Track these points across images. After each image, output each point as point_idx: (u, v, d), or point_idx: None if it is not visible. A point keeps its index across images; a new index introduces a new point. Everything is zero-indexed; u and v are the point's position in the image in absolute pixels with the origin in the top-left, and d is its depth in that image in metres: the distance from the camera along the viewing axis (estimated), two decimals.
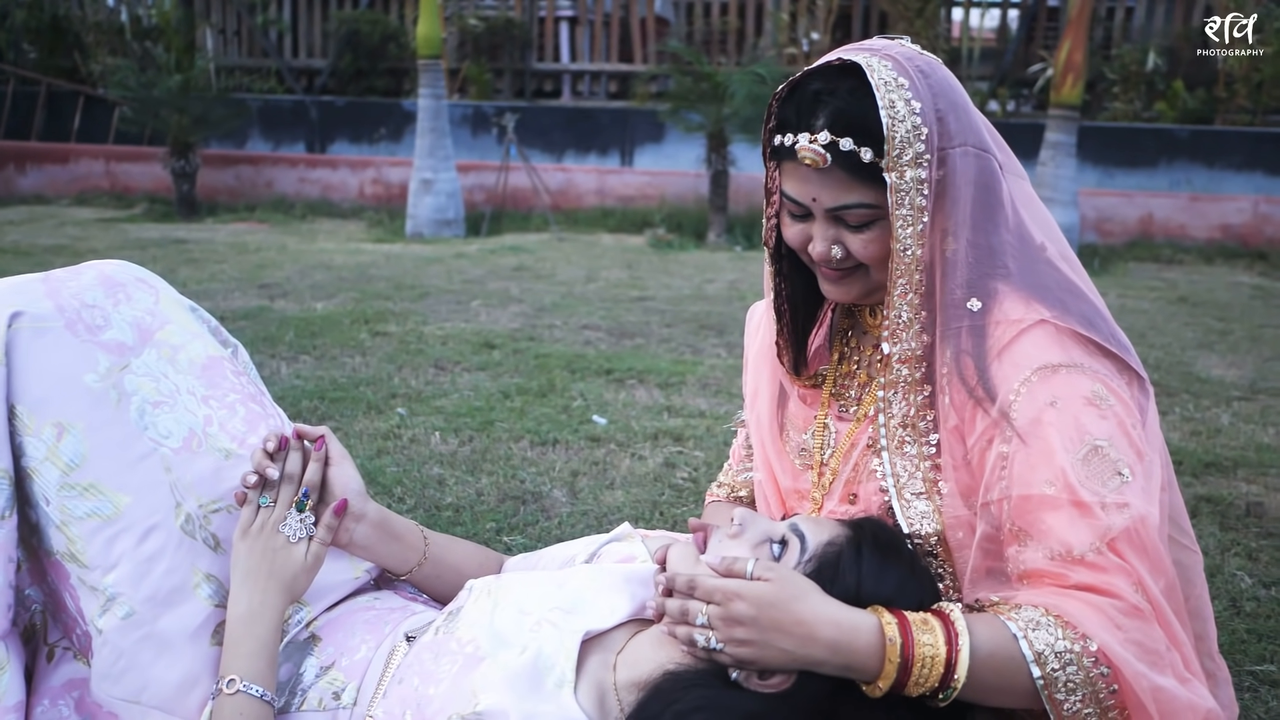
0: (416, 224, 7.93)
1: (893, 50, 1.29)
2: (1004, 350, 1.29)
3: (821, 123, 1.27)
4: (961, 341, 1.31)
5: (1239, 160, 8.93)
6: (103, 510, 1.42)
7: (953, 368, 1.32)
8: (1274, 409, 3.97)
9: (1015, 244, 1.34)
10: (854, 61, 1.27)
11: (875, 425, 1.44)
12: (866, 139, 1.26)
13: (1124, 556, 1.19)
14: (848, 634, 1.16)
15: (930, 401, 1.36)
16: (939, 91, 1.28)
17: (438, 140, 7.88)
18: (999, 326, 1.30)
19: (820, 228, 1.34)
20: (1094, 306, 1.36)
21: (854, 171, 1.28)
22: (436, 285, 5.81)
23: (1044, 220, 1.40)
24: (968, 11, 11.28)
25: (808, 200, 1.33)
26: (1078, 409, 1.25)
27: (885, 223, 1.31)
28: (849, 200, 1.30)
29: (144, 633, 1.44)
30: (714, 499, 1.80)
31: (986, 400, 1.29)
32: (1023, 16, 10.89)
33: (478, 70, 10.79)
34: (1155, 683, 1.14)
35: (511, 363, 4.18)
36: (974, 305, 1.31)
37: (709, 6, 11.25)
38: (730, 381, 4.04)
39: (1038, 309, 1.30)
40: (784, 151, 1.32)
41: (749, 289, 6.10)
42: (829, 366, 1.54)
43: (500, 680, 1.33)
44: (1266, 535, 2.80)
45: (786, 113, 1.31)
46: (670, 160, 9.84)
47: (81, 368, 1.42)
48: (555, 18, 11.49)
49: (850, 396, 1.51)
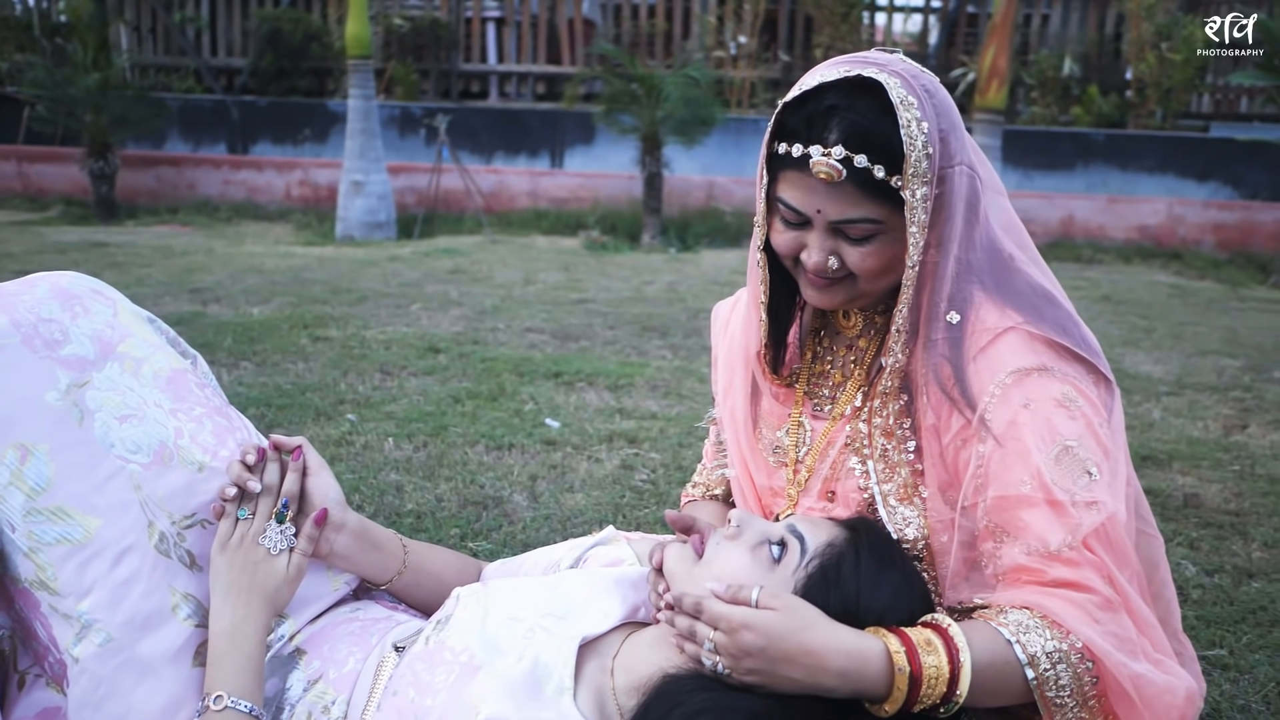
0: (347, 226, 7.81)
1: (897, 67, 1.31)
2: (979, 355, 1.34)
3: (835, 137, 1.28)
4: (939, 347, 1.35)
5: (1151, 163, 9.24)
6: (73, 535, 1.37)
7: (930, 372, 1.36)
8: (1200, 403, 4.12)
9: (990, 257, 1.38)
10: (870, 78, 1.28)
11: (853, 425, 1.47)
12: (879, 156, 1.28)
13: (1095, 551, 1.25)
14: (857, 663, 1.18)
15: (907, 409, 1.39)
16: (942, 112, 1.31)
17: (368, 141, 7.78)
18: (975, 333, 1.35)
19: (818, 238, 1.35)
20: (1066, 312, 1.41)
21: (864, 187, 1.29)
22: (374, 289, 5.73)
23: (1016, 231, 1.45)
24: (890, 17, 11.49)
25: (811, 211, 1.34)
26: (1049, 410, 1.30)
27: (884, 237, 1.34)
28: (854, 215, 1.32)
29: (123, 658, 1.39)
30: (689, 499, 1.80)
31: (962, 402, 1.34)
32: (943, 22, 11.12)
33: (404, 71, 10.67)
34: (1134, 670, 1.20)
35: (458, 367, 4.14)
36: (953, 318, 1.35)
37: (636, 9, 11.28)
38: (679, 383, 4.07)
39: (1012, 316, 1.35)
40: (789, 160, 1.32)
41: (687, 291, 6.14)
42: (802, 365, 1.56)
43: (499, 690, 1.32)
44: (1205, 525, 2.90)
45: (796, 122, 1.31)
46: (601, 162, 9.85)
47: (42, 386, 1.37)
48: (482, 18, 11.42)
49: (824, 395, 1.54)
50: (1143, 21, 9.95)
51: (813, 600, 1.28)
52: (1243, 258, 8.22)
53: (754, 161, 9.42)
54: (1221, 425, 3.86)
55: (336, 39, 10.72)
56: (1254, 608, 2.44)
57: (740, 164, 9.70)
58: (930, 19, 11.29)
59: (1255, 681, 2.12)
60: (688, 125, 7.48)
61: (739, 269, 7.08)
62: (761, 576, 1.32)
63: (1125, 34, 10.68)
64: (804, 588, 1.29)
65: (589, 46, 10.84)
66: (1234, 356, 5.01)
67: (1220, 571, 2.61)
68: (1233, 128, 10.03)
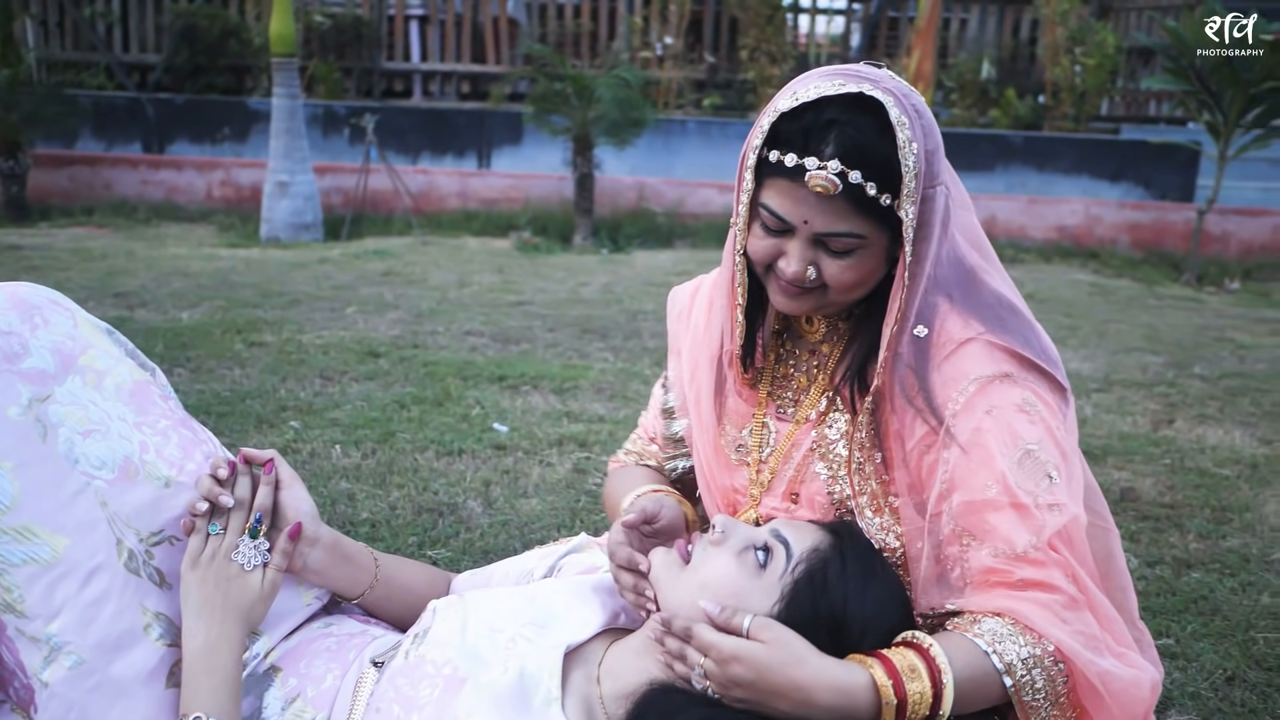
0: (272, 228, 7.65)
1: (889, 84, 1.33)
2: (944, 363, 1.38)
3: (831, 150, 1.29)
4: (905, 359, 1.39)
5: (1066, 164, 9.50)
6: (40, 555, 1.33)
7: (896, 382, 1.39)
8: (1128, 399, 4.26)
9: (955, 270, 1.42)
10: (870, 96, 1.30)
11: (819, 430, 1.50)
12: (873, 173, 1.30)
13: (1059, 551, 1.30)
14: (846, 698, 1.20)
15: (873, 418, 1.42)
16: (929, 132, 1.34)
17: (293, 141, 7.61)
18: (940, 344, 1.39)
19: (799, 248, 1.37)
20: (1028, 323, 1.45)
21: (854, 202, 1.31)
22: (305, 292, 5.62)
23: (979, 243, 1.48)
24: (813, 19, 11.64)
25: (797, 221, 1.35)
26: (1010, 415, 1.35)
27: (863, 252, 1.36)
28: (841, 229, 1.34)
29: (95, 681, 1.36)
30: (619, 464, 1.84)
31: (927, 410, 1.37)
32: (865, 25, 11.31)
33: (326, 69, 10.48)
34: (1101, 667, 1.26)
35: (400, 371, 4.09)
36: (920, 331, 1.39)
37: (561, 9, 11.24)
38: (624, 386, 4.07)
39: (975, 326, 1.39)
40: (781, 168, 1.33)
41: (624, 292, 6.14)
42: (765, 366, 1.58)
43: (486, 702, 1.31)
44: (1143, 518, 3.00)
45: (791, 132, 1.32)
46: (529, 163, 9.79)
47: (3, 400, 1.32)
48: (405, 16, 11.28)
49: (788, 398, 1.56)
50: (1057, 27, 10.23)
51: (800, 606, 1.29)
52: (1156, 256, 8.50)
53: (683, 162, 9.49)
54: (1150, 420, 4.00)
55: (255, 35, 10.49)
56: (1195, 597, 2.53)
57: (669, 165, 9.73)
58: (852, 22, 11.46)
59: (1203, 669, 2.20)
60: (619, 126, 7.47)
61: (673, 270, 7.10)
62: (748, 582, 1.33)
63: (1040, 38, 10.98)
64: (790, 594, 1.30)
65: (514, 46, 10.77)
66: (1156, 353, 5.19)
67: (1161, 563, 2.70)
68: (1142, 130, 10.37)
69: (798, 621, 1.27)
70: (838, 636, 1.28)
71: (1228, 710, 2.05)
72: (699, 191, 9.05)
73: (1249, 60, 6.87)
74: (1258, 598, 2.53)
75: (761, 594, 1.31)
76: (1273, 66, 6.86)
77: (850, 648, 1.28)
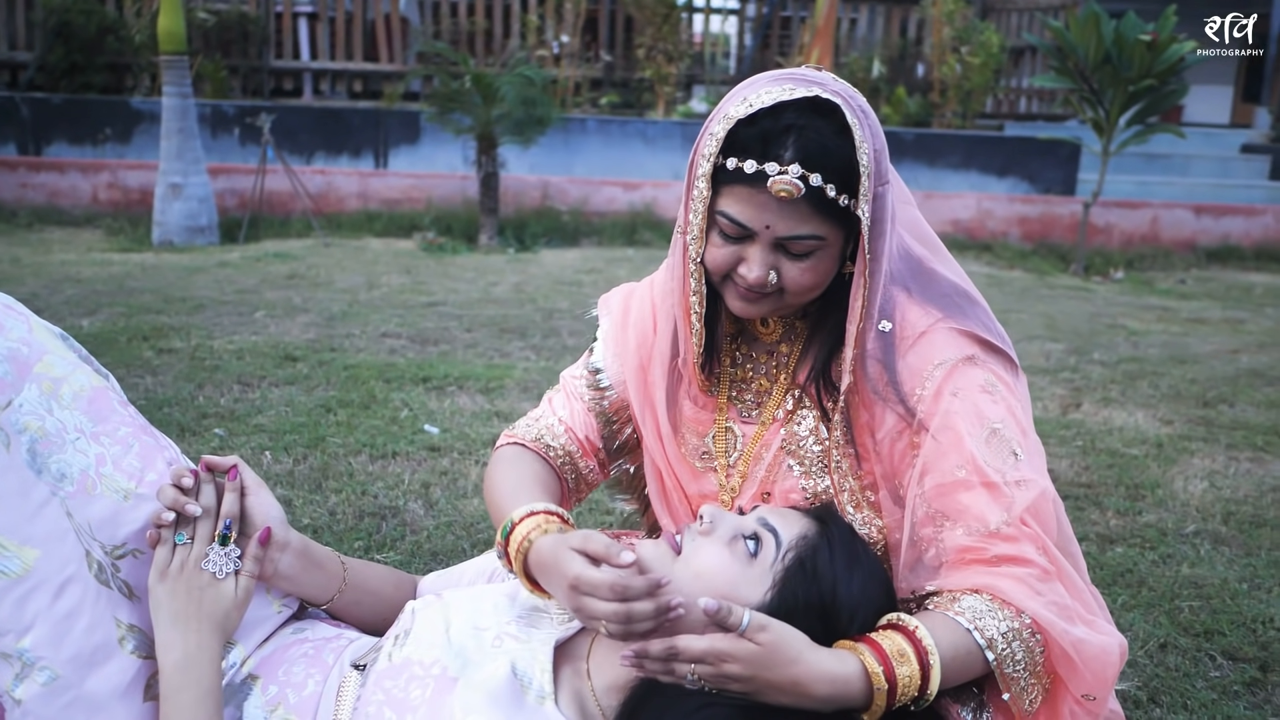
0: (165, 231, 7.38)
1: (835, 87, 1.34)
2: (908, 352, 1.42)
3: (791, 155, 1.30)
4: (873, 354, 1.42)
5: (956, 160, 9.81)
6: (9, 568, 1.29)
7: (865, 375, 1.42)
8: (1036, 385, 4.42)
9: (907, 263, 1.46)
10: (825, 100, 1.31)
11: (787, 429, 1.51)
12: (832, 175, 1.30)
13: (1029, 525, 1.35)
14: (840, 688, 1.22)
15: (844, 415, 1.45)
16: (875, 132, 1.35)
17: (186, 141, 7.36)
18: (902, 334, 1.42)
19: (760, 253, 1.37)
20: (984, 309, 1.50)
21: (815, 205, 1.32)
22: (209, 296, 5.45)
23: (924, 235, 1.52)
24: (708, 19, 11.75)
25: (759, 226, 1.35)
26: (975, 396, 1.39)
27: (821, 253, 1.37)
28: (802, 231, 1.34)
29: (70, 698, 1.32)
30: (515, 440, 1.68)
31: (894, 400, 1.41)
32: (757, 25, 11.47)
33: (212, 68, 10.16)
34: (1074, 636, 1.31)
35: (320, 375, 4.00)
36: (884, 326, 1.42)
37: (455, 7, 11.11)
38: (549, 384, 4.03)
39: (934, 314, 1.43)
40: (739, 175, 1.32)
41: (536, 291, 6.12)
42: (722, 371, 1.58)
43: (481, 701, 1.30)
44: (1065, 497, 3.12)
45: (748, 138, 1.32)
46: (427, 162, 9.67)
47: None
48: (293, 13, 11.01)
49: (749, 401, 1.57)
50: (944, 27, 10.55)
51: (792, 592, 1.30)
52: (1045, 248, 8.84)
53: (583, 161, 9.49)
54: (1059, 405, 4.16)
55: (135, 32, 10.10)
56: (1121, 570, 2.64)
57: (568, 164, 9.72)
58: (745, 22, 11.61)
59: (1136, 638, 2.30)
60: (524, 125, 7.43)
61: (582, 268, 7.10)
62: (741, 571, 1.33)
63: (927, 38, 11.30)
64: (782, 581, 1.31)
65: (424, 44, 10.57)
66: (1056, 340, 5.39)
67: (1086, 540, 2.82)
68: (1023, 127, 10.77)
69: (789, 607, 1.29)
70: (828, 620, 1.30)
71: (1164, 675, 2.16)
72: (603, 189, 9.07)
73: (1129, 59, 7.20)
74: (1178, 568, 2.66)
75: (754, 582, 1.31)
76: (1150, 65, 7.20)
77: (840, 631, 1.30)
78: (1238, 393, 4.44)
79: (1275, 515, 3.04)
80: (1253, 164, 11.06)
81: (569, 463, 1.68)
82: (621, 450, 1.73)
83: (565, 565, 1.30)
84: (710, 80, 11.66)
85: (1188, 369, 4.85)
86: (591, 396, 1.69)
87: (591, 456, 1.70)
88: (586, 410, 1.69)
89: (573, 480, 1.69)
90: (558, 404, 1.72)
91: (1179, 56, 7.15)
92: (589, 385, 1.70)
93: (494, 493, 1.60)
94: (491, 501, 1.61)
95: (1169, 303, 6.99)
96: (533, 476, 1.61)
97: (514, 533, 1.44)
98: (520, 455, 1.66)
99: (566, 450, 1.67)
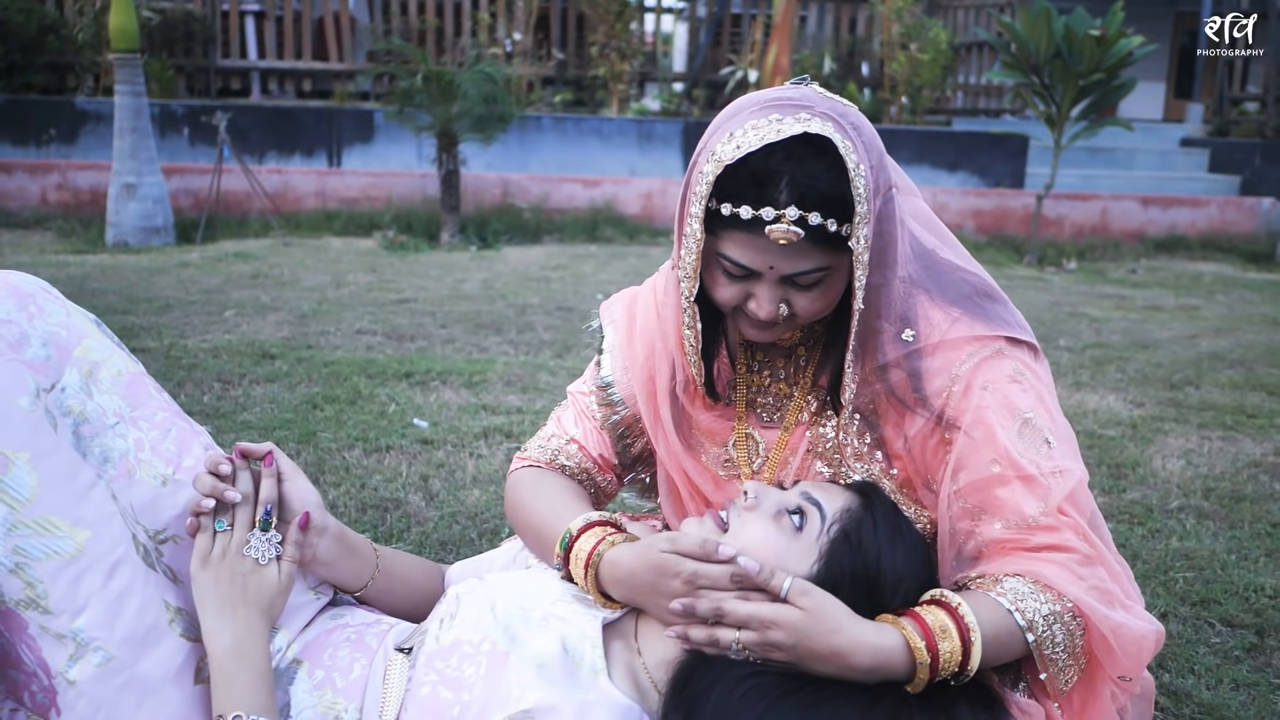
0: (120, 232, 7.23)
1: (823, 106, 1.29)
2: (934, 354, 1.42)
3: (785, 197, 1.26)
4: (898, 364, 1.42)
5: (908, 155, 9.94)
6: (62, 548, 1.27)
7: (889, 384, 1.43)
8: None
9: (922, 262, 1.45)
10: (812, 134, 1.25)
11: (813, 431, 1.51)
12: (830, 211, 1.27)
13: (1068, 513, 1.35)
14: (883, 660, 1.23)
15: (866, 423, 1.46)
16: (869, 145, 1.31)
17: (140, 141, 7.22)
18: (927, 337, 1.42)
19: (768, 289, 1.35)
20: (1004, 302, 1.50)
21: (817, 240, 1.29)
22: (175, 296, 5.36)
23: (932, 224, 1.53)
24: (659, 18, 11.79)
25: (763, 267, 1.33)
26: (1005, 387, 1.40)
27: (831, 279, 1.35)
28: (806, 266, 1.32)
29: (124, 678, 1.30)
30: (530, 463, 1.67)
31: (920, 405, 1.42)
32: (709, 24, 11.53)
33: (159, 67, 9.97)
34: (1114, 621, 1.32)
35: (301, 371, 3.96)
36: (908, 336, 1.42)
37: (405, 5, 11.03)
38: (532, 378, 4.05)
39: (954, 314, 1.43)
40: (735, 221, 1.30)
41: (505, 288, 6.11)
42: (738, 379, 1.57)
43: (537, 677, 1.30)
44: None
45: (739, 182, 1.28)
46: (381, 161, 9.59)
47: (13, 390, 1.26)
48: (240, 12, 10.85)
49: (768, 405, 1.56)
50: (893, 24, 10.69)
51: (838, 564, 1.31)
52: (999, 240, 9.00)
53: (539, 159, 9.48)
54: None
55: (77, 31, 9.89)
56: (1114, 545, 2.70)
57: (524, 161, 9.70)
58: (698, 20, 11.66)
59: None
60: (485, 122, 7.40)
61: (547, 264, 7.09)
62: (787, 545, 1.34)
63: (876, 35, 11.44)
64: (828, 553, 1.32)
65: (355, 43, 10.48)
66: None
67: None
68: (969, 122, 10.95)
69: (835, 579, 1.30)
70: (872, 592, 1.31)
71: (1169, 643, 2.21)
72: (563, 186, 9.06)
73: (1079, 54, 7.35)
74: (1168, 542, 2.73)
75: (800, 555, 1.32)
76: (1100, 59, 7.36)
77: (883, 604, 1.31)
78: (1201, 375, 4.56)
79: (1253, 490, 3.14)
80: (1192, 157, 11.36)
81: (587, 479, 1.67)
82: (637, 461, 1.71)
83: (673, 565, 1.30)
84: (663, 78, 11.70)
85: (1151, 353, 4.97)
86: (603, 413, 1.67)
87: (609, 471, 1.68)
88: (599, 429, 1.66)
89: (593, 495, 1.67)
90: (568, 423, 1.69)
91: (1127, 51, 7.32)
92: (600, 401, 1.67)
93: (530, 514, 1.58)
94: (527, 524, 1.59)
95: (1124, 291, 7.16)
96: (568, 491, 1.60)
97: (576, 545, 1.44)
98: (543, 475, 1.64)
99: (583, 468, 1.66)
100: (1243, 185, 10.67)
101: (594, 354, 1.73)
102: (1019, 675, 1.38)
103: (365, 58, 11.03)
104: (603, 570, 1.40)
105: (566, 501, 1.56)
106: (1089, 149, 10.29)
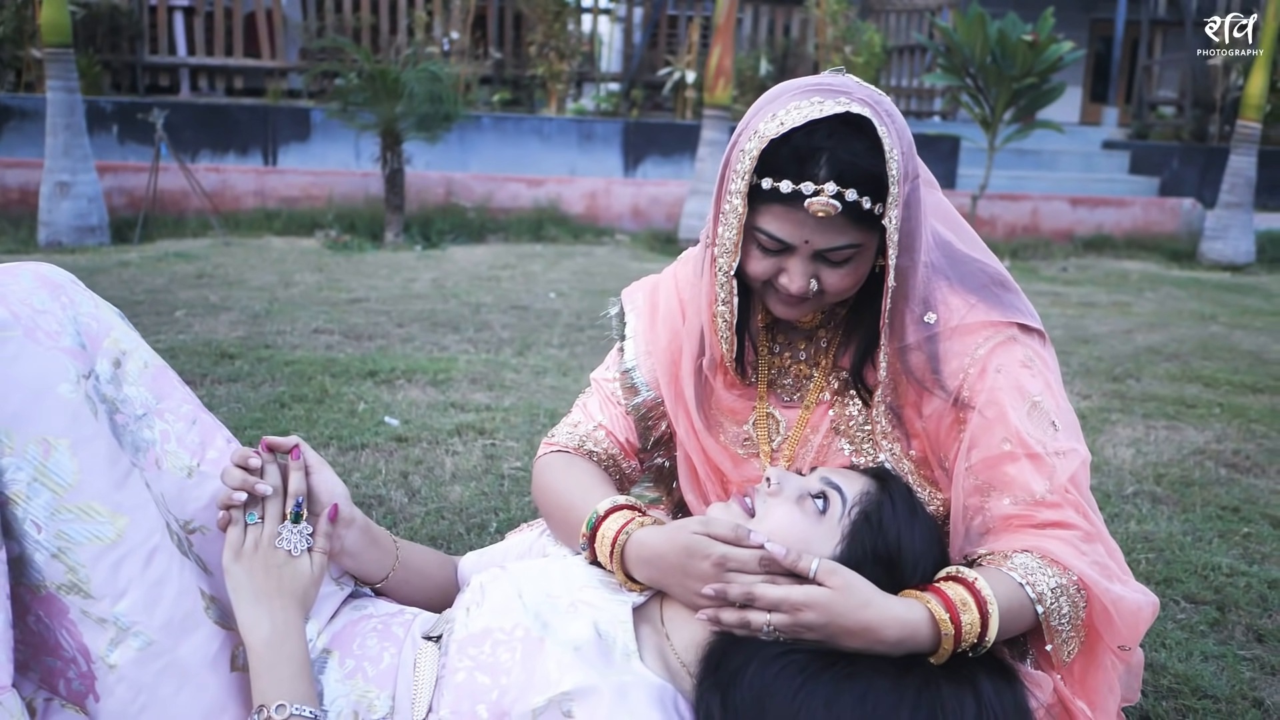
0: (53, 232, 7.05)
1: (860, 93, 1.37)
2: (952, 338, 1.50)
3: (825, 173, 1.34)
4: (918, 345, 1.50)
5: None
6: (103, 534, 1.29)
7: (910, 365, 1.50)
8: None
9: (942, 250, 1.53)
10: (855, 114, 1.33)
11: (836, 410, 1.58)
12: (866, 189, 1.35)
13: (1071, 492, 1.45)
14: (910, 632, 1.29)
15: (890, 400, 1.53)
16: (901, 133, 1.38)
17: (74, 138, 7.04)
18: (946, 321, 1.50)
19: (800, 264, 1.42)
20: (1015, 291, 1.58)
21: (852, 217, 1.37)
22: (119, 297, 5.25)
23: (949, 217, 1.60)
24: (596, 19, 11.82)
25: (798, 241, 1.39)
26: (1016, 372, 1.48)
27: (860, 257, 1.43)
28: (840, 242, 1.39)
29: (164, 663, 1.32)
30: (558, 448, 1.72)
31: (937, 385, 1.49)
32: (646, 25, 11.59)
33: (85, 62, 9.72)
34: (1114, 594, 1.41)
35: (263, 371, 3.92)
36: (930, 318, 1.49)
37: (340, 2, 10.90)
38: (497, 375, 4.07)
39: (972, 300, 1.52)
40: (775, 195, 1.37)
41: (455, 287, 6.09)
42: (760, 360, 1.64)
43: (573, 660, 1.34)
44: None
45: (782, 157, 1.35)
46: (319, 160, 9.48)
47: (54, 377, 1.28)
48: (169, 7, 10.62)
49: (788, 385, 1.63)
50: (828, 27, 10.86)
51: (860, 545, 1.37)
52: None
53: (479, 158, 9.44)
54: None
55: None
56: None
57: (464, 160, 9.66)
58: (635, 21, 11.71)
59: None
60: (431, 120, 7.36)
61: (496, 264, 7.09)
62: (811, 528, 1.39)
63: (810, 37, 11.61)
64: (850, 535, 1.37)
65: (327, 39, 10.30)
66: None
67: None
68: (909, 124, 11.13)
69: (858, 559, 1.36)
70: (893, 571, 1.37)
71: None
72: (506, 186, 9.04)
73: (1012, 58, 7.57)
74: (1128, 525, 2.85)
75: (824, 538, 1.38)
76: (1032, 64, 7.58)
77: (904, 581, 1.37)
78: (1141, 368, 4.74)
79: (1200, 475, 3.28)
80: (1114, 159, 11.75)
81: (613, 465, 1.72)
82: (657, 445, 1.77)
83: (703, 548, 1.34)
84: (601, 79, 11.73)
85: (1091, 348, 5.15)
86: (627, 398, 1.73)
87: (633, 456, 1.74)
88: (624, 414, 1.72)
89: (617, 481, 1.73)
90: (594, 409, 1.74)
91: (1058, 55, 7.55)
92: (623, 386, 1.73)
93: (558, 495, 1.63)
94: (555, 504, 1.63)
95: (1058, 289, 7.37)
96: (596, 475, 1.65)
97: (603, 526, 1.49)
98: (572, 460, 1.69)
99: (610, 454, 1.72)
100: (1162, 186, 11.08)
101: (608, 342, 1.79)
102: (1025, 648, 1.45)
103: (298, 55, 10.89)
104: (629, 550, 1.44)
105: (594, 485, 1.61)
106: (1017, 151, 10.58)
